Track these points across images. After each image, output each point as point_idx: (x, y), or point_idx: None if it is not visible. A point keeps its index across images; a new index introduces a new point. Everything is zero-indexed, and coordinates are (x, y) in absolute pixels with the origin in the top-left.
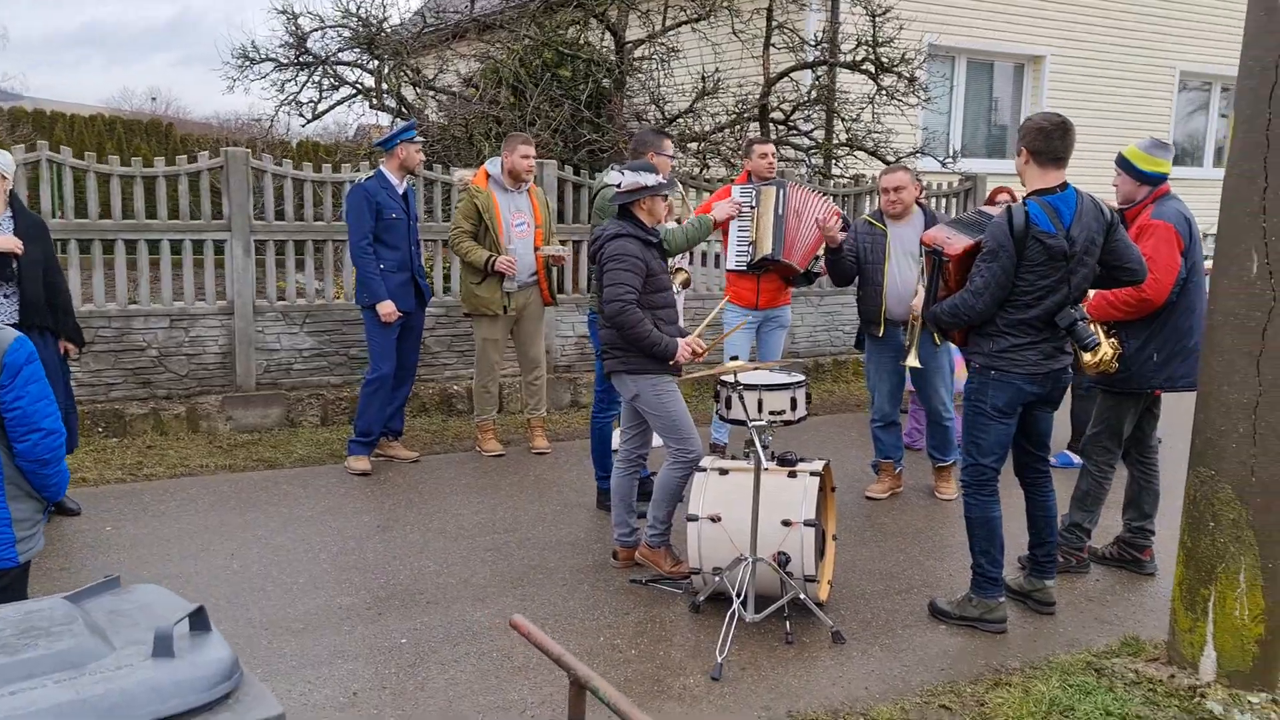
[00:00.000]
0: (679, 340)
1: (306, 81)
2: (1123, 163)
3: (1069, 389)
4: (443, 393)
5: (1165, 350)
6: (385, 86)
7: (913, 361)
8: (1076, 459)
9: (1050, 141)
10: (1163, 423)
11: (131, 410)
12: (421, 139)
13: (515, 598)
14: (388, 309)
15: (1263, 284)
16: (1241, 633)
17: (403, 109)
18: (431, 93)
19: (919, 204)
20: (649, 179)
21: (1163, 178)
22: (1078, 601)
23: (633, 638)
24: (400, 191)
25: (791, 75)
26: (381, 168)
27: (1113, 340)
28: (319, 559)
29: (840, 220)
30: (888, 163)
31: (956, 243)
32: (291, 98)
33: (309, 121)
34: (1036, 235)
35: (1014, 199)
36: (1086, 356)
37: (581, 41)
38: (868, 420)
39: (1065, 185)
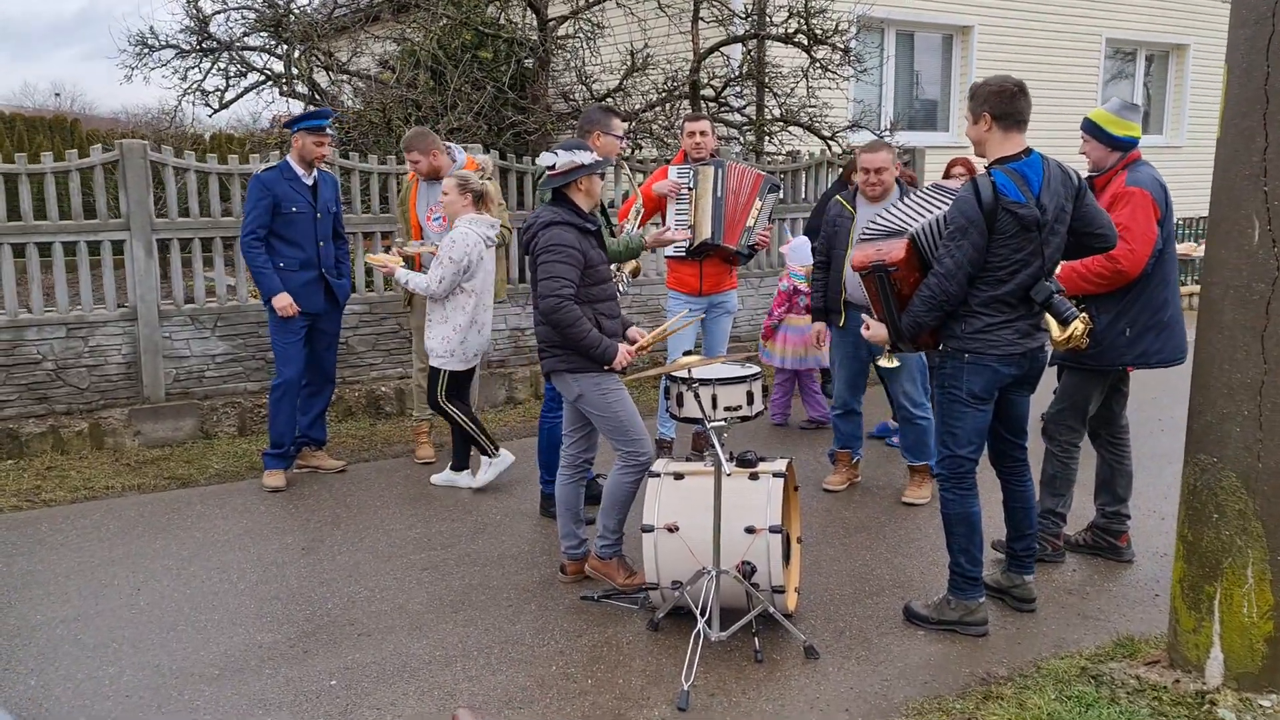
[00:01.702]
0: (620, 345)
1: (211, 69)
2: (1091, 128)
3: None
4: (369, 395)
5: (1138, 325)
6: (295, 72)
7: (886, 363)
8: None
9: (1015, 103)
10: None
11: (27, 429)
12: (331, 131)
13: (456, 624)
14: (283, 302)
15: (1265, 253)
16: (1250, 631)
17: (315, 95)
18: (346, 77)
19: (898, 182)
20: (585, 157)
21: (1134, 142)
22: (1057, 595)
23: (588, 665)
24: (308, 183)
25: (722, 50)
26: (287, 158)
27: (1083, 315)
28: (237, 589)
29: (769, 182)
30: (823, 138)
31: (893, 249)
32: (195, 86)
33: (215, 111)
34: (1007, 206)
35: (971, 171)
36: (1056, 332)
37: (502, 20)
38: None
39: (1030, 151)
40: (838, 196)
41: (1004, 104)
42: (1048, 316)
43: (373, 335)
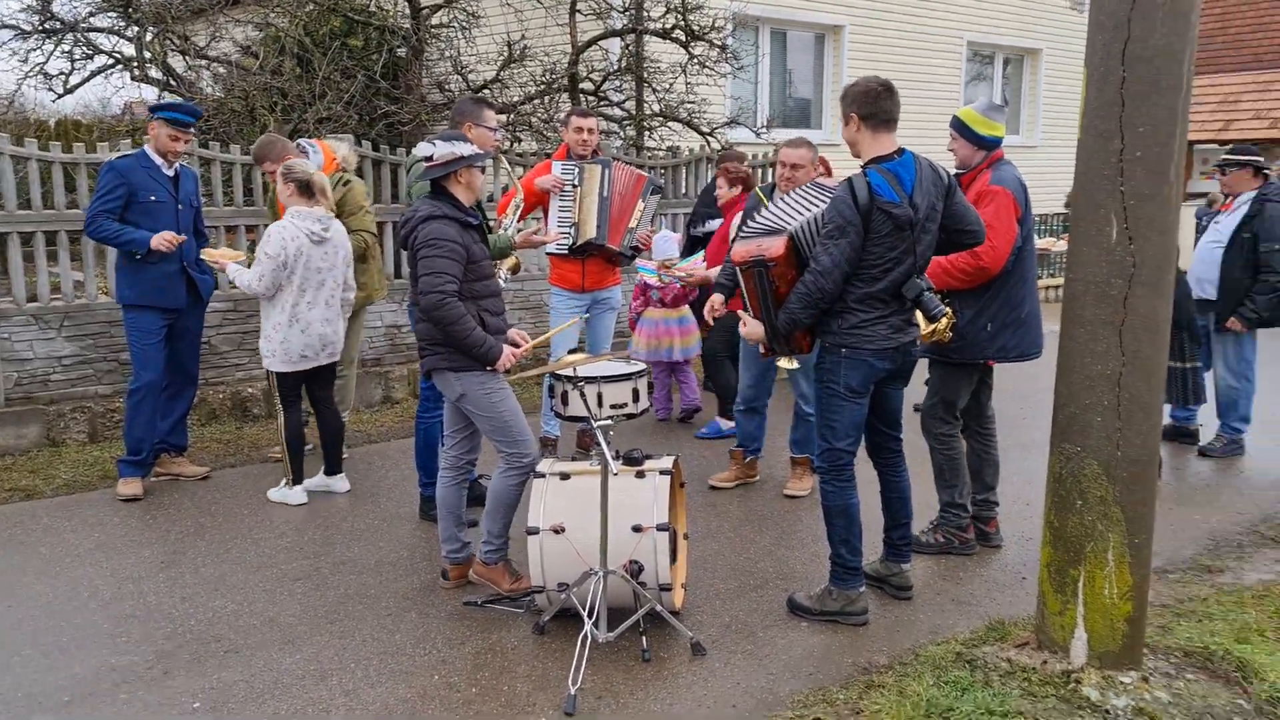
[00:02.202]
0: (504, 346)
1: (54, 51)
2: (959, 126)
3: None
4: (235, 397)
5: (998, 320)
6: (148, 56)
7: (785, 364)
8: (726, 425)
9: (880, 103)
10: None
11: None
12: (189, 124)
13: (331, 635)
14: (164, 238)
15: (1123, 250)
16: (1111, 612)
17: (171, 81)
18: (205, 62)
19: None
20: (465, 149)
21: (998, 141)
22: (933, 582)
23: (471, 673)
24: (169, 174)
25: (600, 44)
26: (145, 146)
27: (949, 311)
28: (89, 608)
29: (651, 184)
30: (702, 134)
31: (773, 246)
32: (38, 69)
33: (60, 96)
34: (881, 206)
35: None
36: (922, 327)
37: (373, 7)
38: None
39: (903, 150)
40: (756, 190)
41: (869, 104)
42: (917, 312)
43: (238, 334)
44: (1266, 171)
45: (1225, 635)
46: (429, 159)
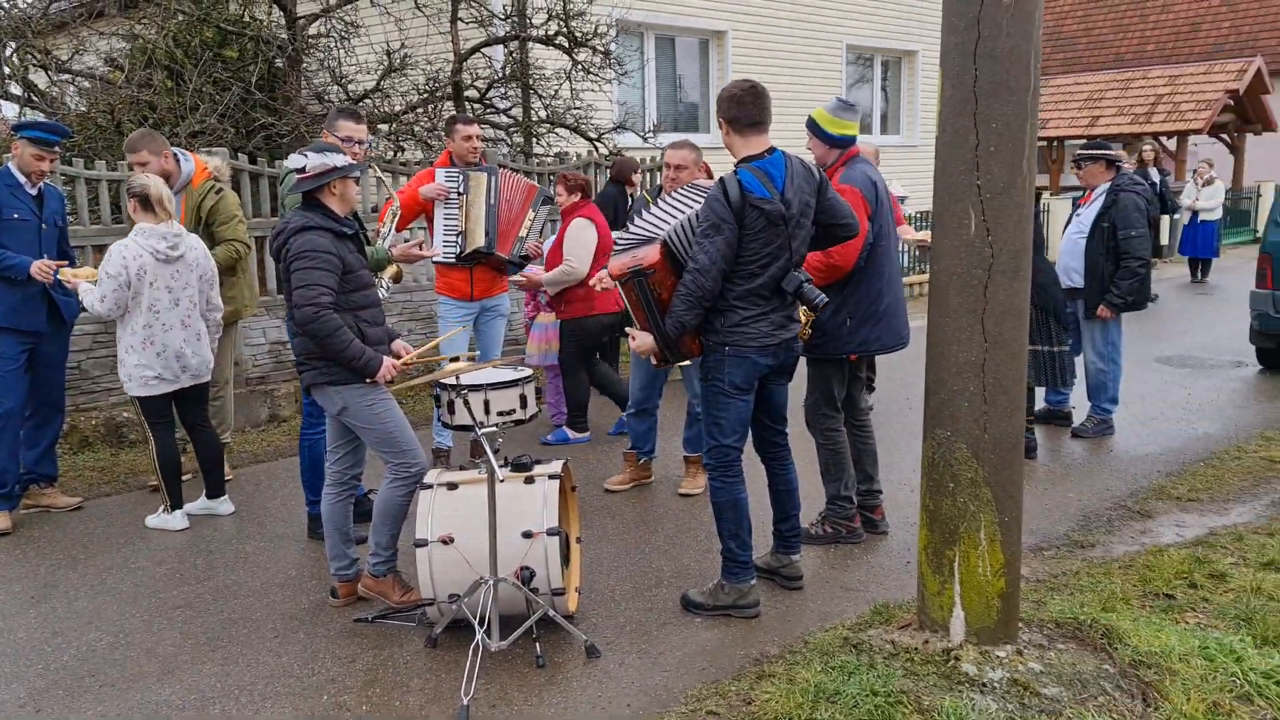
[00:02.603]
0: (385, 357)
1: None
2: (812, 125)
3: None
4: (109, 422)
5: (858, 315)
6: (7, 71)
7: (694, 357)
8: (575, 435)
9: (743, 107)
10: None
11: None
12: (54, 142)
13: (214, 663)
14: (40, 266)
15: (981, 242)
16: (985, 589)
17: (32, 97)
18: (69, 77)
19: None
20: (337, 159)
21: (850, 140)
22: (822, 571)
23: (362, 689)
24: (32, 192)
25: (483, 51)
26: (9, 164)
27: (826, 299)
28: None
29: (542, 194)
30: (589, 139)
31: (648, 254)
32: None
33: None
34: (753, 203)
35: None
36: (802, 320)
37: (247, 18)
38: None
39: (772, 149)
40: (644, 193)
41: (734, 108)
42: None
43: (109, 357)
44: (1119, 164)
45: (1093, 606)
46: (301, 171)
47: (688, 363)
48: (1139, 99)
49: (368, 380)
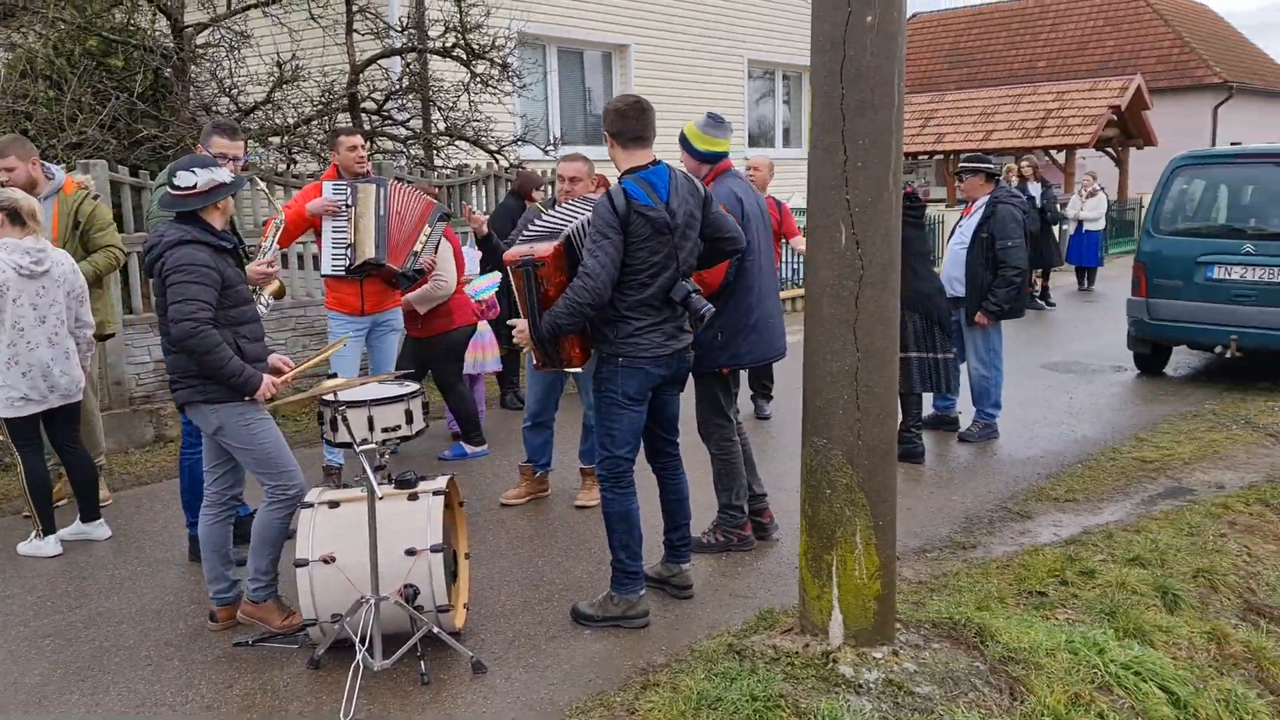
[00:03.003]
0: (264, 374)
1: None
2: (683, 141)
3: None
4: None
5: (729, 329)
6: None
7: (575, 367)
8: (470, 449)
9: (626, 121)
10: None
11: None
12: None
13: (83, 693)
14: None
15: (852, 254)
16: (862, 592)
17: None
18: None
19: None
20: (225, 175)
21: (719, 156)
22: (712, 580)
23: (239, 715)
24: None
25: (380, 63)
26: None
27: (713, 309)
28: None
29: (439, 210)
30: (490, 151)
31: (544, 247)
32: None
33: None
34: (638, 210)
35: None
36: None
37: (131, 26)
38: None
39: (657, 161)
40: (538, 205)
41: (617, 122)
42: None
43: None
44: (998, 177)
45: (970, 605)
46: (192, 188)
47: (579, 369)
48: (1030, 114)
49: (246, 398)
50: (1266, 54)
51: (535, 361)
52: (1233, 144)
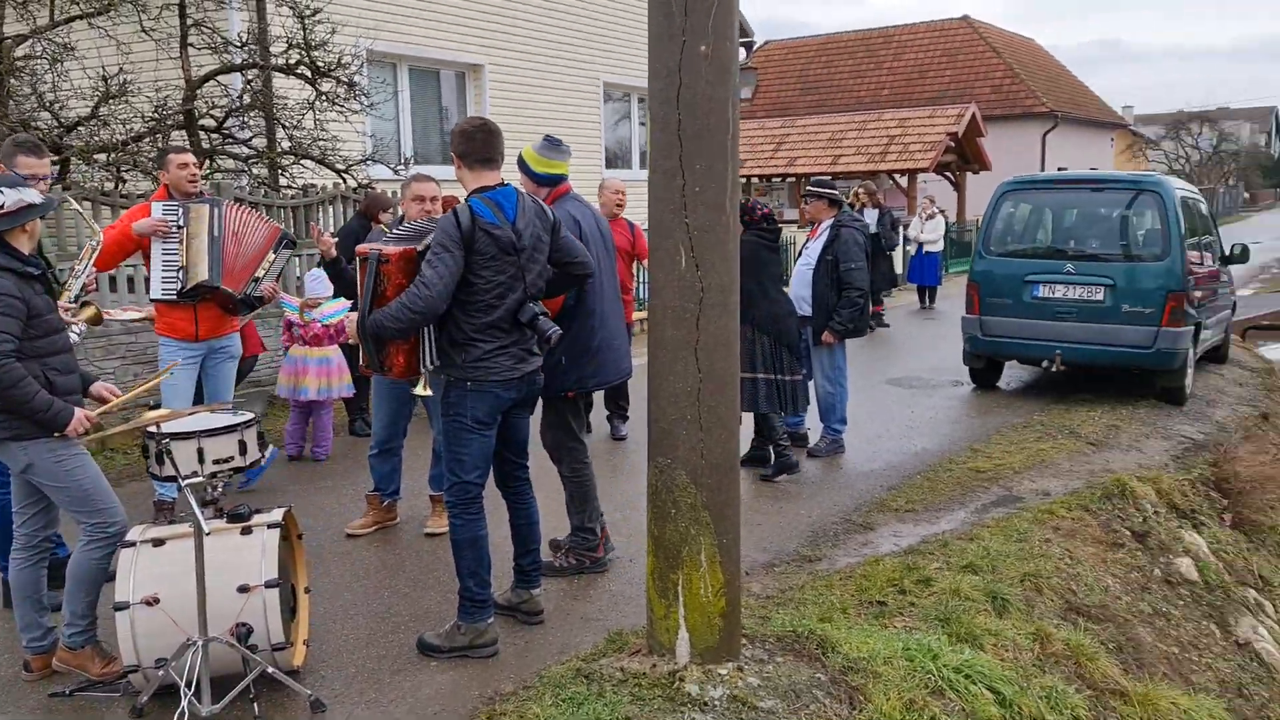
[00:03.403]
0: (77, 409)
1: None
2: (520, 163)
3: None
4: None
5: (571, 353)
6: None
7: (421, 390)
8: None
9: (472, 143)
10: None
11: None
12: None
13: None
14: None
15: (692, 276)
16: (708, 610)
17: None
18: None
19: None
20: (33, 195)
21: (557, 179)
22: (564, 604)
23: None
24: None
25: (219, 79)
26: None
27: (560, 331)
28: None
29: (284, 237)
30: (337, 171)
31: (396, 247)
32: None
33: None
34: (483, 227)
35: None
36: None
37: None
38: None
39: (505, 183)
40: (383, 226)
41: (463, 144)
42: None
43: None
44: (841, 202)
45: (813, 617)
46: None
47: (429, 393)
48: (875, 139)
49: (57, 434)
50: (1087, 86)
51: (361, 360)
52: (1059, 169)
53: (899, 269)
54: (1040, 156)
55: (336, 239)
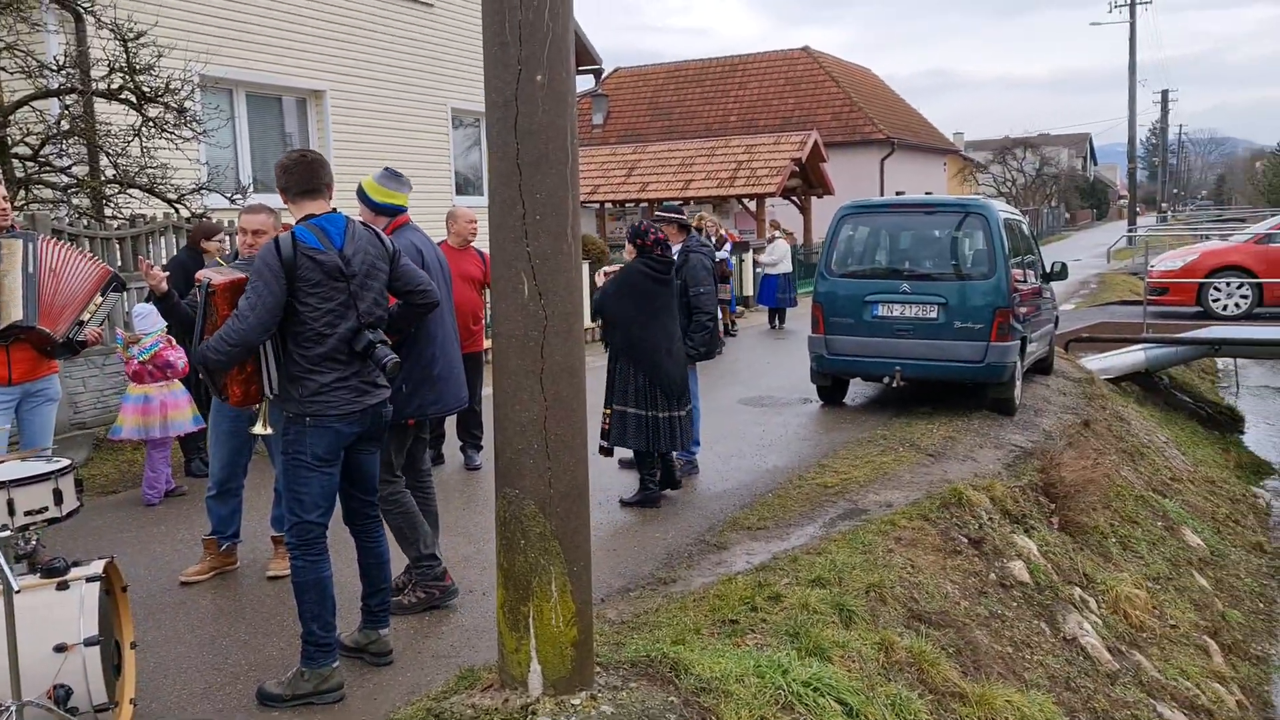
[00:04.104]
0: None
1: None
2: (360, 194)
3: None
4: None
5: (412, 380)
6: None
7: (260, 429)
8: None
9: (290, 175)
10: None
11: None
12: None
13: None
14: None
15: (535, 305)
16: (560, 640)
17: None
18: None
19: None
20: None
21: (396, 209)
22: (414, 642)
23: None
24: None
25: (34, 105)
26: None
27: (398, 359)
28: None
29: (114, 280)
30: (168, 200)
31: (225, 276)
32: None
33: None
34: (306, 253)
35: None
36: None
37: None
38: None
39: (335, 210)
40: (219, 258)
41: (282, 177)
42: None
43: None
44: (689, 226)
45: (666, 640)
46: None
47: (268, 431)
48: (724, 165)
49: None
50: (921, 114)
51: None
52: (897, 193)
53: (749, 291)
54: (879, 181)
55: (168, 272)
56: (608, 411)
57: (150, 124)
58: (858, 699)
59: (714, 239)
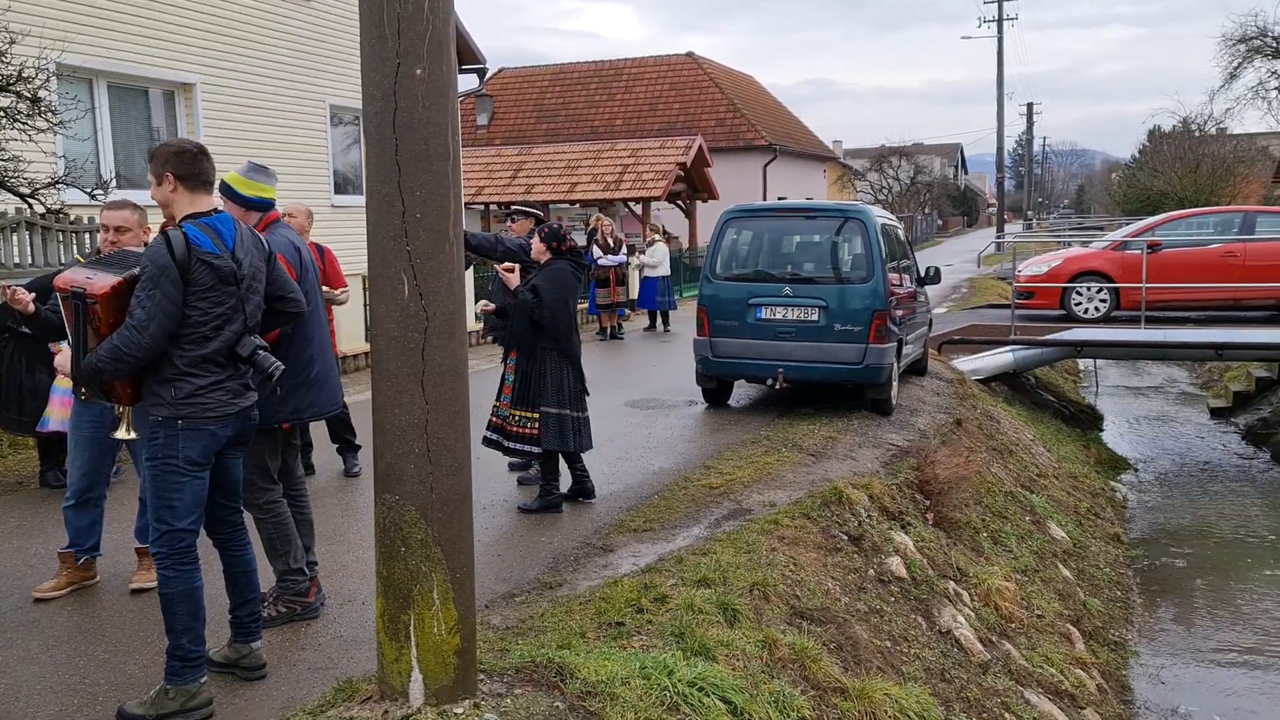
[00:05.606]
0: None
1: None
2: (225, 189)
3: None
4: None
5: (287, 383)
6: None
7: (124, 434)
8: None
9: (197, 164)
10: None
11: None
12: None
13: None
14: None
15: (415, 305)
16: (442, 648)
17: None
18: None
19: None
20: None
21: (267, 203)
22: (290, 654)
23: None
24: None
25: None
26: None
27: (282, 366)
28: None
29: None
30: (21, 195)
31: (101, 281)
32: None
33: None
34: (201, 257)
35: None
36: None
37: None
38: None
39: (219, 210)
40: (78, 256)
41: (186, 165)
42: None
43: None
44: (543, 220)
45: (552, 645)
46: None
47: (132, 436)
48: (610, 168)
49: None
50: (802, 122)
51: (83, 394)
52: (779, 198)
53: (632, 294)
54: (762, 186)
55: (34, 294)
56: (534, 414)
57: (1, 114)
58: (742, 697)
59: (611, 241)
